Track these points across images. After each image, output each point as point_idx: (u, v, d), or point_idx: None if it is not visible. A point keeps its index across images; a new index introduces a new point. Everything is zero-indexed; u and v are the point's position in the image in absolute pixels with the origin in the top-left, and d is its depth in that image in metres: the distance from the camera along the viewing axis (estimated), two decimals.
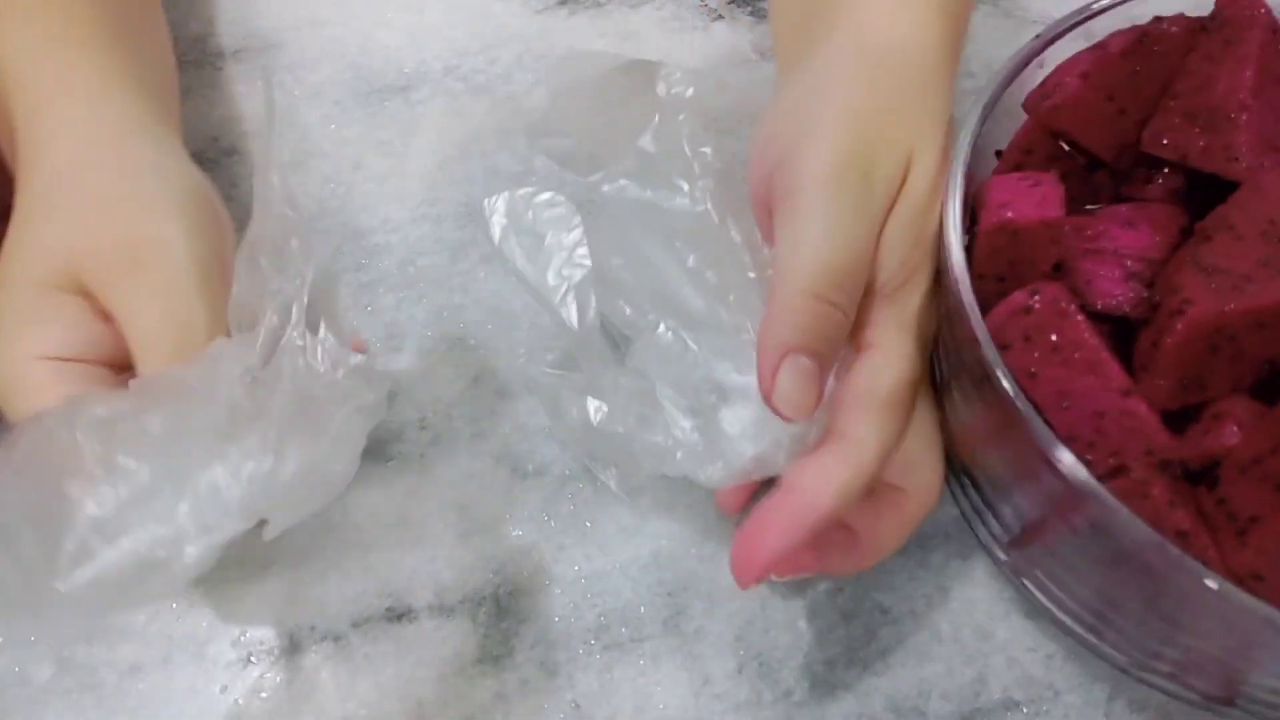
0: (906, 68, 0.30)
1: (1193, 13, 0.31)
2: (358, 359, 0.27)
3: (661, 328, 0.30)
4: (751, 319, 0.29)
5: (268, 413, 0.25)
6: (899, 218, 0.29)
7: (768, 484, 0.29)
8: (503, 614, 0.32)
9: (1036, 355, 0.26)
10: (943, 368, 0.31)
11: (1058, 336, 0.26)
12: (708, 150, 0.31)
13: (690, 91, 0.32)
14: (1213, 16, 0.31)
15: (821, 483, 0.27)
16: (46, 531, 0.23)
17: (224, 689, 0.31)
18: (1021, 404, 0.25)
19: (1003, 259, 0.28)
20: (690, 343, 0.29)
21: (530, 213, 0.30)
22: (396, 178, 0.41)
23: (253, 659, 0.32)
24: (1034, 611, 0.32)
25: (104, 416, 0.24)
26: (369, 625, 0.32)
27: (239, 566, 0.33)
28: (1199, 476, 0.27)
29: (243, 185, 0.41)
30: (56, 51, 0.31)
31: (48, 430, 0.24)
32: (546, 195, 0.30)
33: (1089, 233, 0.30)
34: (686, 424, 0.29)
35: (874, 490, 0.29)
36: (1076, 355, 0.26)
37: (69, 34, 0.32)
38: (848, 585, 0.33)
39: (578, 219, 0.30)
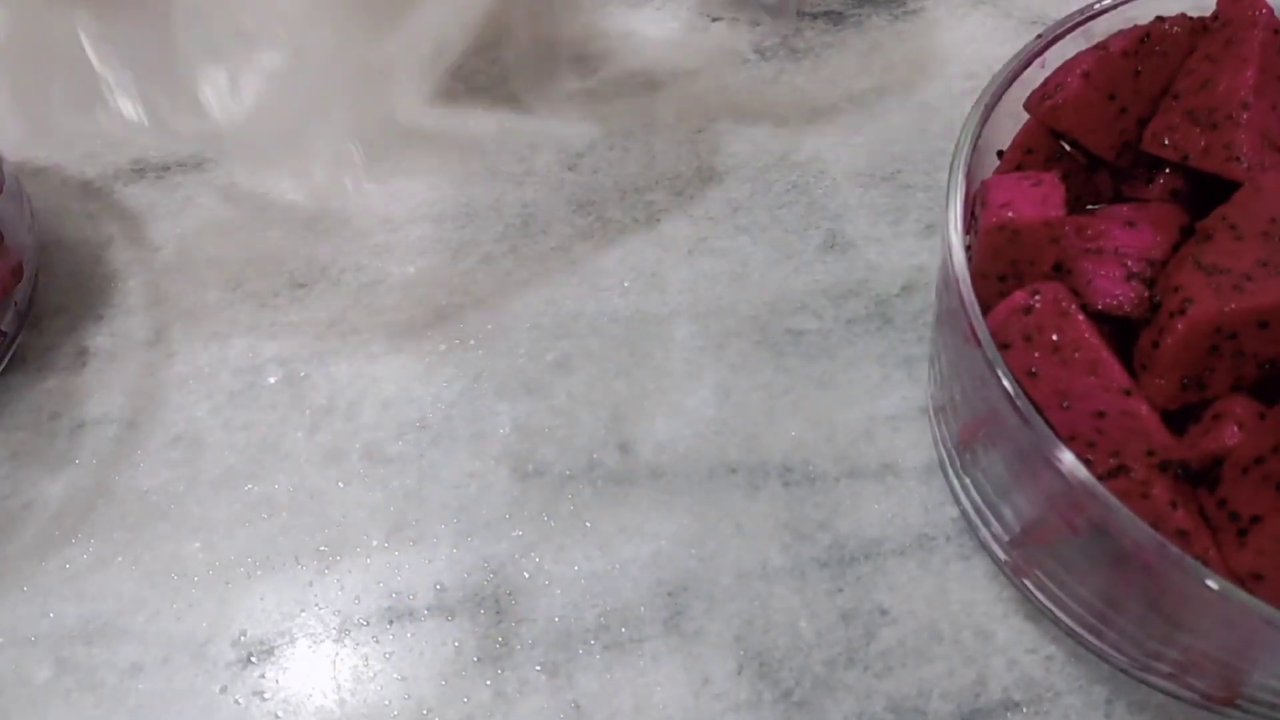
0: None
1: (1194, 13, 0.31)
2: None
3: None
4: None
5: None
6: None
7: None
8: (503, 614, 0.32)
9: (1037, 355, 0.26)
10: (943, 367, 0.31)
11: (1058, 336, 0.26)
12: None
13: None
14: (1214, 16, 0.31)
15: None
16: None
17: (224, 689, 0.31)
18: (1021, 404, 0.25)
19: (1003, 259, 0.28)
20: None
21: None
22: (396, 177, 0.41)
23: (253, 659, 0.32)
24: (1034, 612, 0.32)
25: None
26: (369, 625, 0.32)
27: (241, 564, 0.33)
28: (1200, 477, 0.27)
29: None
30: None
31: None
32: None
33: (1090, 232, 0.30)
34: None
35: None
36: (1077, 355, 0.26)
37: None
38: (848, 586, 0.33)
39: None
